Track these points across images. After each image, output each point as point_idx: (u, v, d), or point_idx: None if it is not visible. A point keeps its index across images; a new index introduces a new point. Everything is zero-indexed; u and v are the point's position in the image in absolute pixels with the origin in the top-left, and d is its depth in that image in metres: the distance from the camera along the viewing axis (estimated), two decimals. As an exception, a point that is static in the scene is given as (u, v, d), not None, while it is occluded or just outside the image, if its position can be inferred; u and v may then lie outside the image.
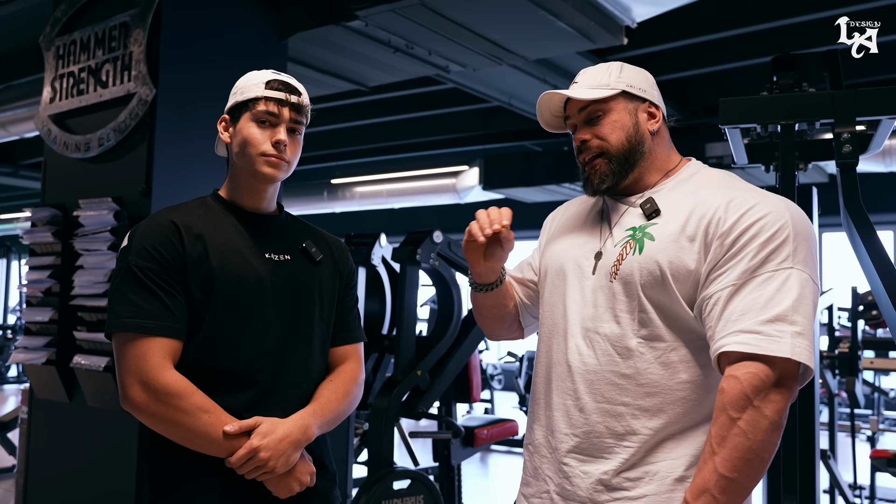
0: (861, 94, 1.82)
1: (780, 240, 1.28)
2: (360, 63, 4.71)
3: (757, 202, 1.32)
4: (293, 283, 1.62)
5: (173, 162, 3.37)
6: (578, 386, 1.41)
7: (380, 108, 8.24)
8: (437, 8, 3.79)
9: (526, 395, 7.52)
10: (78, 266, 3.40)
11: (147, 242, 1.51)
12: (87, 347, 3.38)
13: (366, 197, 11.05)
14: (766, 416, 1.22)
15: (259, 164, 1.58)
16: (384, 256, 3.70)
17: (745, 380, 1.23)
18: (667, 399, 1.35)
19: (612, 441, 1.37)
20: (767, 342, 1.23)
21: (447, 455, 3.54)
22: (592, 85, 1.48)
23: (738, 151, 2.24)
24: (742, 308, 1.26)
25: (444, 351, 3.38)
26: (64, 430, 3.60)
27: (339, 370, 1.70)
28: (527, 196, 10.27)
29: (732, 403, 1.23)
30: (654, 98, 1.50)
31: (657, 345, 1.36)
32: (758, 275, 1.27)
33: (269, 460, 1.48)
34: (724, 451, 1.23)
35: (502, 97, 7.03)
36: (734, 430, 1.23)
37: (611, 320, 1.39)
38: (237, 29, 3.73)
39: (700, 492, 1.24)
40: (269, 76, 1.62)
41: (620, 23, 4.20)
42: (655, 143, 1.49)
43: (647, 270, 1.36)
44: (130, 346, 1.47)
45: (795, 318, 1.24)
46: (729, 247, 1.30)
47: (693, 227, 1.34)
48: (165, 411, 1.45)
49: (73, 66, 3.69)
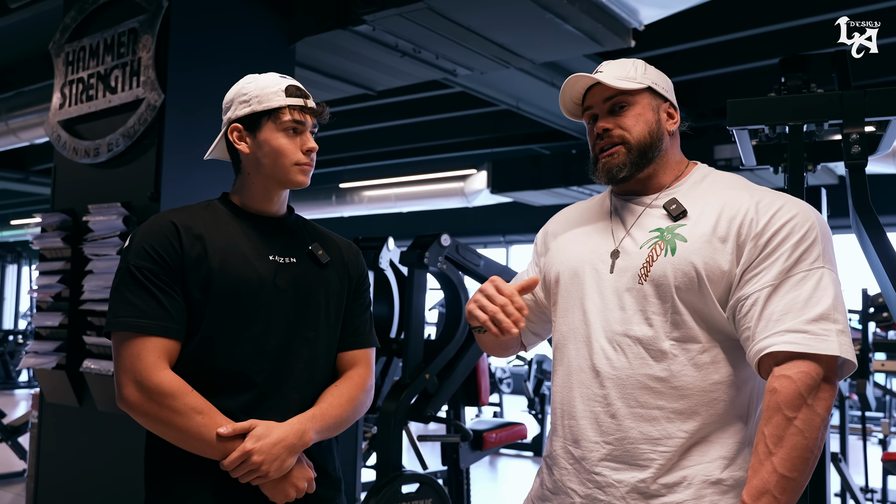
0: (870, 95, 1.81)
1: (810, 240, 1.31)
2: (368, 67, 4.71)
3: (783, 203, 1.35)
4: (297, 286, 1.61)
5: (182, 167, 3.39)
6: (609, 391, 1.38)
7: (387, 112, 8.25)
8: (445, 12, 3.79)
9: (535, 398, 7.50)
10: (87, 271, 3.41)
11: (146, 243, 1.52)
12: (97, 352, 3.39)
13: (374, 201, 11.07)
14: (819, 414, 1.24)
15: (294, 173, 1.60)
16: (392, 260, 3.70)
17: (799, 379, 1.24)
18: (700, 401, 1.34)
19: (647, 447, 1.35)
20: (816, 341, 1.24)
21: (456, 459, 3.53)
22: (619, 77, 1.47)
23: (746, 153, 2.23)
24: (782, 308, 1.27)
25: (452, 354, 3.37)
26: (74, 435, 3.61)
27: (346, 375, 1.68)
28: (535, 199, 10.26)
29: (788, 403, 1.24)
30: (673, 100, 1.52)
31: (690, 346, 1.35)
32: (793, 274, 1.29)
33: (263, 464, 1.46)
34: (782, 451, 1.23)
35: (510, 100, 7.03)
36: (791, 430, 1.23)
37: (642, 323, 1.37)
38: (245, 35, 3.74)
39: (760, 493, 1.23)
40: (284, 82, 1.62)
41: (627, 25, 4.19)
42: (671, 143, 1.50)
43: (682, 272, 1.35)
44: (126, 346, 1.48)
45: (837, 316, 1.26)
46: (763, 247, 1.31)
47: (724, 228, 1.35)
48: (158, 411, 1.45)
49: (83, 72, 3.72)
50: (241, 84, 1.65)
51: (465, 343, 3.44)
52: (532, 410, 7.65)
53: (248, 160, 1.62)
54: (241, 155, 1.63)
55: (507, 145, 9.38)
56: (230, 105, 1.65)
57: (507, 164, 9.65)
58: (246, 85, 1.63)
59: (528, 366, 7.86)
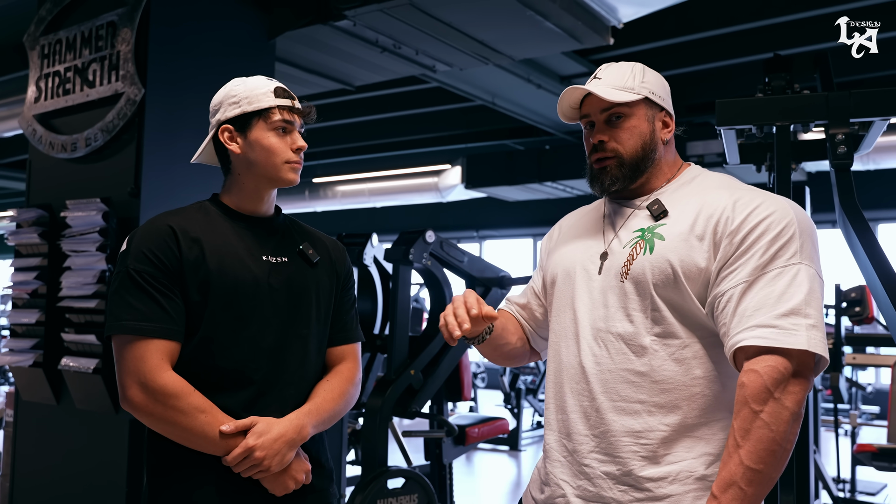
0: (854, 96, 1.86)
1: (787, 237, 1.32)
2: (347, 62, 4.70)
3: (762, 201, 1.36)
4: (290, 285, 1.66)
5: (162, 162, 3.35)
6: (593, 387, 1.42)
7: (362, 107, 8.23)
8: (426, 8, 3.80)
9: (511, 392, 7.55)
10: (65, 267, 3.36)
11: (144, 246, 1.55)
12: (76, 349, 3.35)
13: (347, 196, 11.04)
14: (787, 408, 1.25)
15: (285, 171, 1.64)
16: (376, 256, 3.70)
17: (765, 373, 1.25)
18: (681, 395, 1.37)
19: (629, 440, 1.38)
20: (784, 335, 1.26)
21: (439, 454, 3.55)
22: (616, 85, 1.49)
23: (732, 151, 2.27)
24: (756, 303, 1.29)
25: (436, 350, 3.39)
26: (51, 433, 3.56)
27: (335, 370, 1.74)
28: (508, 195, 10.32)
29: (754, 397, 1.25)
30: (669, 107, 1.53)
31: (671, 342, 1.38)
32: (768, 271, 1.30)
33: (265, 459, 1.52)
34: (748, 444, 1.25)
35: (486, 96, 7.05)
36: (757, 423, 1.25)
37: (623, 319, 1.41)
38: (225, 28, 3.71)
39: (727, 485, 1.26)
40: (272, 84, 1.66)
41: (607, 23, 4.23)
42: (665, 150, 1.52)
43: (659, 269, 1.38)
44: (129, 348, 1.51)
45: (808, 311, 1.27)
46: (738, 245, 1.33)
47: (702, 226, 1.37)
48: (163, 411, 1.50)
49: (59, 65, 3.66)
50: (229, 87, 1.68)
51: (450, 339, 3.45)
52: (508, 405, 7.70)
53: (239, 160, 1.65)
54: (232, 155, 1.66)
55: (481, 141, 9.41)
56: (219, 107, 1.68)
57: (481, 159, 9.69)
58: (234, 87, 1.67)
59: (504, 360, 7.90)
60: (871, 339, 4.43)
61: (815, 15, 5.55)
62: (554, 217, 1.78)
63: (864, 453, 3.63)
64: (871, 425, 7.25)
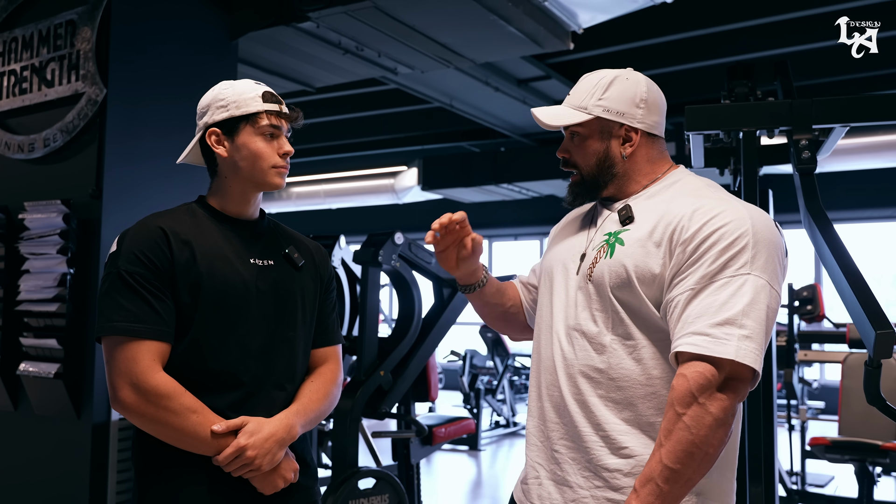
0: (817, 104, 1.94)
1: (738, 247, 1.34)
2: (309, 64, 4.69)
3: (721, 211, 1.38)
4: (277, 288, 1.68)
5: (124, 163, 3.30)
6: (561, 379, 1.50)
7: (319, 108, 8.19)
8: (390, 10, 3.81)
9: (470, 393, 7.59)
10: (24, 270, 3.29)
11: (136, 248, 1.55)
12: (35, 354, 3.28)
13: (302, 197, 10.96)
14: (711, 413, 1.28)
15: (271, 175, 1.66)
16: (343, 258, 3.70)
17: (692, 378, 1.29)
18: (637, 393, 1.42)
19: (587, 430, 1.45)
20: (714, 344, 1.29)
21: (406, 454, 3.57)
22: (576, 102, 1.56)
23: (697, 155, 2.35)
24: (698, 311, 1.32)
25: (405, 351, 3.41)
26: (8, 440, 3.48)
27: (319, 371, 1.77)
28: (465, 196, 10.36)
29: (679, 399, 1.30)
30: (634, 119, 1.53)
31: (629, 342, 1.43)
32: (715, 280, 1.33)
33: (256, 458, 1.54)
34: (669, 444, 1.29)
35: (444, 98, 7.09)
36: (679, 425, 1.29)
37: (589, 319, 1.48)
38: (188, 28, 3.67)
39: (646, 480, 1.31)
40: (260, 88, 1.68)
41: (567, 28, 4.30)
42: (632, 161, 1.55)
43: (615, 273, 1.44)
44: (121, 349, 1.52)
45: (745, 321, 1.30)
46: (691, 253, 1.36)
47: (660, 233, 1.42)
48: (155, 412, 1.50)
49: (15, 64, 3.57)
50: (217, 90, 1.69)
51: (419, 340, 3.48)
52: (467, 405, 7.74)
53: (226, 163, 1.66)
54: (219, 158, 1.67)
55: (437, 143, 9.45)
56: (206, 110, 1.68)
57: (437, 161, 9.73)
58: (223, 91, 1.68)
59: (463, 361, 7.95)
60: (822, 336, 4.59)
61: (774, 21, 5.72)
62: (509, 219, 1.88)
63: (818, 446, 3.77)
64: (818, 420, 7.50)
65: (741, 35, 6.11)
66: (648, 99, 1.55)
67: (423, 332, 3.50)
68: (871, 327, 1.46)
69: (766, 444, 2.02)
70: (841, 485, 5.66)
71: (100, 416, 3.15)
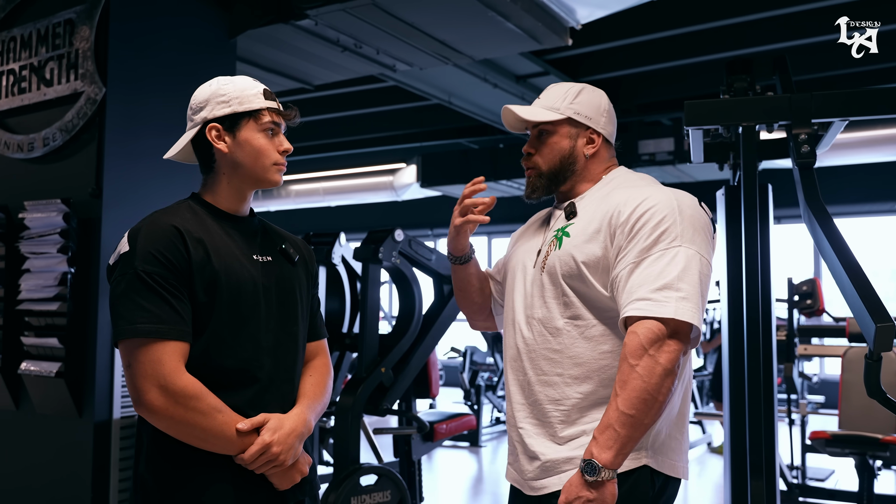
0: (816, 98, 1.95)
1: (668, 224, 1.54)
2: (307, 62, 4.69)
3: (649, 195, 1.58)
4: (279, 284, 1.69)
5: (124, 161, 3.30)
6: (525, 364, 1.69)
7: (317, 105, 8.18)
8: (388, 7, 3.82)
9: (471, 389, 7.60)
10: (24, 270, 3.29)
11: (153, 247, 1.53)
12: (36, 353, 3.28)
13: (301, 195, 10.96)
14: (660, 363, 1.46)
15: (272, 172, 1.69)
16: (344, 255, 3.71)
17: (642, 333, 1.48)
18: (592, 367, 1.60)
19: (551, 406, 1.63)
20: (656, 306, 1.48)
21: (408, 450, 3.58)
22: (547, 105, 1.75)
23: (697, 150, 2.35)
24: (639, 281, 1.51)
25: (406, 348, 3.42)
26: (9, 440, 3.48)
27: (313, 365, 1.79)
28: (464, 193, 10.34)
29: (631, 353, 1.47)
30: (598, 125, 1.74)
31: (580, 323, 1.62)
32: (651, 253, 1.52)
33: (280, 454, 1.57)
34: (624, 393, 1.46)
35: (442, 95, 7.09)
36: (633, 375, 1.46)
37: (542, 306, 1.66)
38: (186, 26, 3.67)
39: (605, 427, 1.48)
40: (260, 86, 1.69)
41: (566, 24, 4.30)
42: (590, 162, 1.75)
43: (565, 262, 1.63)
44: (144, 351, 1.49)
45: (680, 285, 1.49)
46: (628, 233, 1.55)
47: (598, 221, 1.61)
48: (184, 413, 1.49)
49: (14, 63, 3.57)
50: (216, 85, 1.68)
51: (419, 337, 3.49)
52: (468, 402, 7.74)
53: (226, 159, 1.66)
54: (218, 154, 1.66)
55: (436, 139, 9.44)
56: (205, 105, 1.67)
57: (436, 158, 9.72)
58: (223, 86, 1.67)
59: (463, 357, 7.95)
60: (821, 330, 4.60)
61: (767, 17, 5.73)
62: (508, 215, 1.95)
63: (818, 440, 3.78)
64: (819, 414, 7.51)
65: (741, 30, 6.11)
66: (609, 111, 1.77)
67: (424, 329, 3.50)
68: (872, 321, 1.47)
69: (767, 437, 2.03)
70: (841, 478, 5.68)
71: (101, 415, 3.16)
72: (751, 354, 1.95)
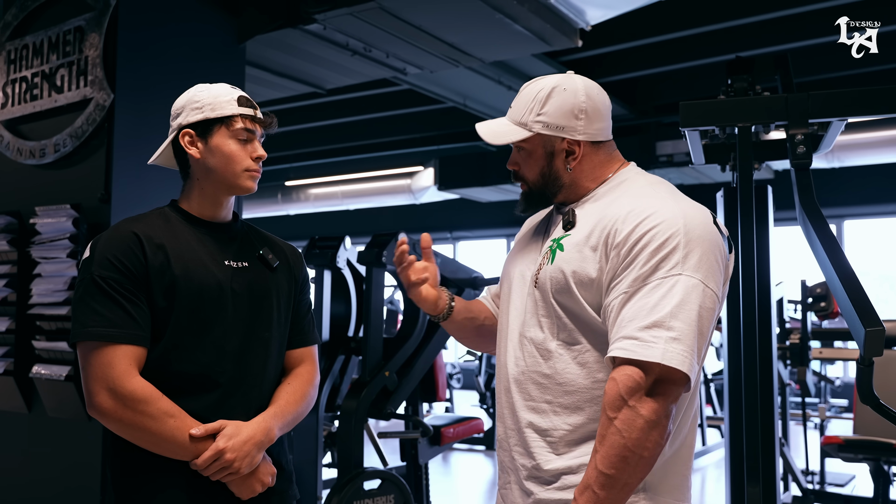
0: (813, 98, 1.92)
1: (669, 248, 1.33)
2: (318, 66, 4.71)
3: (653, 212, 1.37)
4: (251, 289, 1.68)
5: (133, 167, 3.34)
6: (511, 386, 1.51)
7: (334, 109, 8.23)
8: (396, 11, 3.82)
9: (486, 392, 7.59)
10: (36, 274, 3.34)
11: (109, 253, 1.55)
12: (47, 357, 3.32)
13: (321, 199, 11.01)
14: (642, 416, 1.27)
15: (243, 179, 1.66)
16: (349, 259, 3.72)
17: (621, 381, 1.29)
18: (584, 397, 1.41)
19: (535, 436, 1.45)
20: (641, 347, 1.28)
21: (414, 454, 3.58)
22: (516, 118, 1.53)
23: (696, 152, 2.32)
24: (630, 315, 1.32)
25: (411, 351, 3.41)
26: (22, 442, 3.53)
27: (295, 373, 1.77)
28: (481, 196, 10.36)
29: (610, 404, 1.29)
30: (575, 132, 1.50)
31: (574, 347, 1.43)
32: (648, 283, 1.32)
33: (235, 461, 1.54)
34: (603, 449, 1.29)
35: (457, 98, 7.09)
36: (611, 429, 1.28)
37: (535, 325, 1.48)
38: (194, 33, 3.70)
39: (584, 488, 1.30)
40: (236, 92, 1.69)
41: (575, 25, 4.28)
42: (577, 171, 1.53)
43: (555, 279, 1.44)
44: (96, 355, 1.51)
45: (672, 323, 1.28)
46: (624, 256, 1.36)
47: (596, 237, 1.41)
48: (133, 417, 1.50)
49: (26, 70, 3.63)
50: (192, 92, 1.70)
51: (424, 340, 3.48)
52: (484, 405, 7.73)
53: (198, 165, 1.67)
54: (191, 160, 1.67)
55: (453, 142, 9.45)
56: (181, 111, 1.69)
57: (453, 161, 9.73)
58: (198, 93, 1.68)
59: (479, 360, 7.94)
60: (836, 333, 4.52)
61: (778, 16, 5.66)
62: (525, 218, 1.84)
63: (831, 445, 3.71)
64: (841, 418, 7.39)
65: (758, 29, 6.04)
66: (588, 108, 1.50)
67: (429, 333, 3.49)
68: (861, 324, 1.44)
69: (766, 443, 2.00)
70: (861, 484, 5.58)
71: (110, 418, 3.19)
72: (747, 357, 1.92)
